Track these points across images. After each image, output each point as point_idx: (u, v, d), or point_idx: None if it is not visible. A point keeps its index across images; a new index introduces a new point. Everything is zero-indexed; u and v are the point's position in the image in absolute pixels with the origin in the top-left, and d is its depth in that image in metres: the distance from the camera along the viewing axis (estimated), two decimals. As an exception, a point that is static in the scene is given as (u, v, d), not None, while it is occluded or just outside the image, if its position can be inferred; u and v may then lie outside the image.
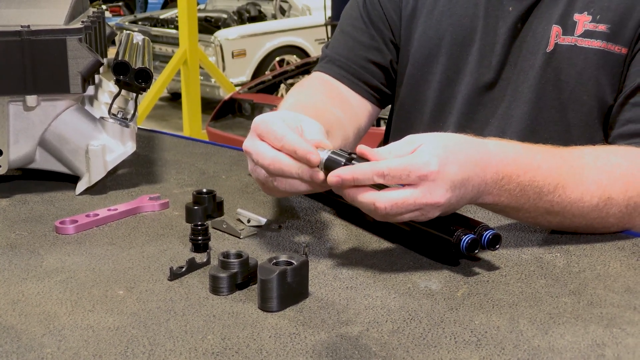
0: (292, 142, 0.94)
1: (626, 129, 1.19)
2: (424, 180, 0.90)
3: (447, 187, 0.92)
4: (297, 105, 1.23)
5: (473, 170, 0.95)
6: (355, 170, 0.92)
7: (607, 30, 1.21)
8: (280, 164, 0.95)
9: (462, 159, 0.94)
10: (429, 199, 0.91)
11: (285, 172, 0.96)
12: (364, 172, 0.91)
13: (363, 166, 0.92)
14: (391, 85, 1.44)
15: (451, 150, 0.93)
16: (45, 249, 1.05)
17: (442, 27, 1.35)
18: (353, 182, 0.92)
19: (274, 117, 0.99)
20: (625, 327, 0.83)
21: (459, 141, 0.96)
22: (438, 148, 0.92)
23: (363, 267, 0.98)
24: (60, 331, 0.82)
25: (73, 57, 1.19)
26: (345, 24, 1.45)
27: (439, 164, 0.90)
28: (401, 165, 0.90)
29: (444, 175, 0.91)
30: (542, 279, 0.95)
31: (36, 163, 1.29)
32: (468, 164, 0.94)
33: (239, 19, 8.44)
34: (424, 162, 0.90)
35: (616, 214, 1.06)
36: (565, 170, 1.03)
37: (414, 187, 0.91)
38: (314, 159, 0.93)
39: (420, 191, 0.91)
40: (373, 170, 0.91)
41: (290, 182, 0.97)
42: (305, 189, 0.97)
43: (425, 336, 0.81)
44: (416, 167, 0.90)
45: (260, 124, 0.98)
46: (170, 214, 1.18)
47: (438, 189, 0.91)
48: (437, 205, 0.92)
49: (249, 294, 0.91)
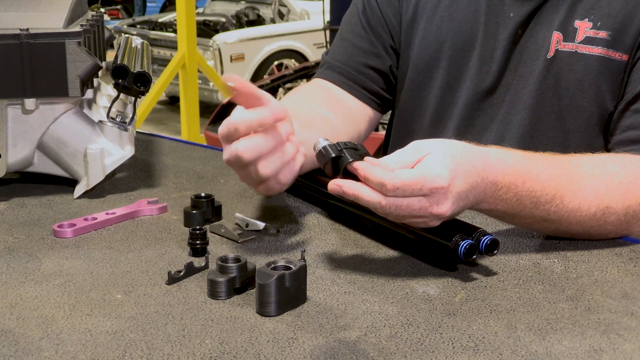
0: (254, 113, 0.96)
1: (626, 136, 1.19)
2: (434, 193, 0.91)
3: (453, 199, 0.92)
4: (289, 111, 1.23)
5: (475, 180, 0.95)
6: (368, 170, 0.91)
7: (607, 37, 1.21)
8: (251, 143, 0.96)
9: (468, 170, 0.94)
10: (435, 209, 0.92)
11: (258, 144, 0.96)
12: (376, 177, 0.90)
13: (377, 171, 0.91)
14: (391, 91, 1.44)
15: (458, 161, 0.93)
16: (43, 252, 1.05)
17: (443, 32, 1.35)
18: (363, 179, 0.92)
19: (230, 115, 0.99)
20: (622, 333, 0.83)
21: (464, 151, 0.96)
22: (447, 159, 0.92)
23: (361, 272, 0.98)
24: (58, 335, 0.82)
25: (72, 60, 1.19)
26: (345, 30, 1.45)
27: (450, 177, 0.91)
28: (414, 179, 0.90)
29: (452, 188, 0.91)
30: (540, 284, 0.95)
31: (34, 166, 1.29)
32: (472, 176, 0.94)
33: (237, 23, 8.44)
34: (435, 175, 0.90)
35: (614, 222, 1.06)
36: (564, 179, 1.03)
37: (422, 196, 0.91)
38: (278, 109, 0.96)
39: (427, 200, 0.91)
40: (385, 181, 0.90)
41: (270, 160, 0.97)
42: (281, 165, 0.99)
43: (423, 341, 0.81)
44: (429, 180, 0.90)
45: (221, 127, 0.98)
46: (169, 218, 1.18)
47: (445, 201, 0.92)
48: (441, 216, 0.93)
49: (247, 298, 0.91)
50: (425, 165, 0.91)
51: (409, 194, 0.90)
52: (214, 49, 7.37)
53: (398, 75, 1.42)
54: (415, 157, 0.93)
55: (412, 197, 0.91)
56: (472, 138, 1.27)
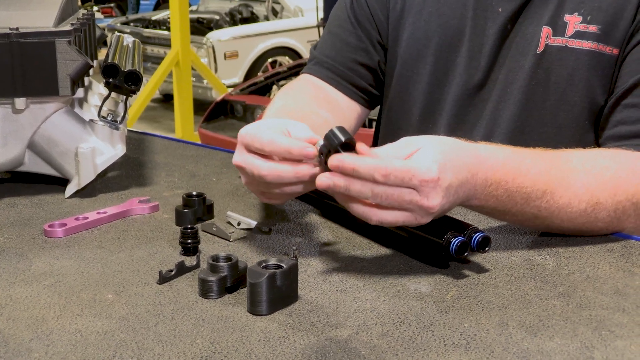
0: (284, 144, 0.93)
1: (617, 131, 1.19)
2: (424, 185, 0.90)
3: (443, 193, 0.91)
4: (283, 109, 1.23)
5: (465, 176, 0.95)
6: (357, 161, 0.89)
7: (598, 31, 1.21)
8: (277, 172, 0.94)
9: (458, 165, 0.93)
10: (425, 202, 0.90)
11: (284, 178, 0.95)
12: (366, 166, 0.89)
13: (367, 160, 0.89)
14: (379, 86, 1.44)
15: (449, 157, 0.93)
16: (34, 252, 1.05)
17: (431, 28, 1.34)
18: (352, 172, 0.89)
19: (259, 126, 0.98)
20: (614, 329, 0.83)
21: (454, 147, 0.96)
22: (437, 154, 0.91)
23: (353, 270, 0.98)
24: (48, 336, 0.82)
25: (62, 59, 1.19)
26: (333, 25, 1.45)
27: (439, 171, 0.90)
28: (405, 167, 0.89)
29: (442, 182, 0.91)
30: (532, 281, 0.95)
31: (25, 166, 1.29)
32: (462, 171, 0.94)
33: (231, 21, 8.43)
34: (426, 168, 0.90)
35: (604, 218, 1.06)
36: (554, 175, 1.03)
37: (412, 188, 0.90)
38: (310, 151, 0.92)
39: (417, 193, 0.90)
40: (376, 167, 0.88)
41: (291, 187, 0.96)
42: (302, 190, 0.97)
43: (414, 339, 0.81)
44: (419, 171, 0.89)
45: (246, 135, 0.97)
46: (160, 217, 1.18)
47: (436, 194, 0.91)
48: (431, 210, 0.91)
49: (238, 297, 0.91)
50: (415, 159, 0.91)
51: (400, 182, 0.89)
52: (207, 47, 7.37)
53: (386, 71, 1.42)
54: (405, 151, 0.93)
55: (403, 188, 0.90)
56: (463, 134, 1.26)
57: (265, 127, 0.98)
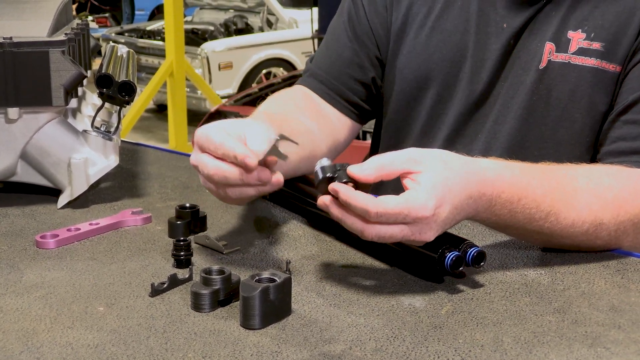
0: (230, 148, 0.94)
1: (616, 147, 1.18)
2: (418, 222, 0.90)
3: (438, 227, 0.92)
4: (264, 113, 1.24)
5: (467, 201, 0.94)
6: (350, 196, 0.89)
7: (602, 48, 1.21)
8: (223, 172, 0.95)
9: (459, 192, 0.93)
10: (417, 237, 0.91)
11: (229, 179, 0.95)
12: (359, 204, 0.89)
13: (360, 197, 0.89)
14: (372, 102, 1.43)
15: (448, 184, 0.92)
16: (25, 263, 1.04)
17: (432, 43, 1.34)
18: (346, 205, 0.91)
19: (215, 127, 0.99)
20: (609, 346, 0.83)
21: (459, 170, 0.95)
22: (437, 184, 0.91)
23: (347, 285, 0.97)
24: (38, 348, 0.81)
25: (56, 69, 1.18)
26: (330, 39, 1.44)
27: (435, 206, 0.90)
28: (398, 208, 0.89)
29: (437, 217, 0.91)
30: (527, 296, 0.94)
31: (17, 176, 1.28)
32: (462, 197, 0.93)
33: (225, 31, 8.43)
34: (420, 205, 0.89)
35: (604, 237, 1.06)
36: (559, 194, 1.03)
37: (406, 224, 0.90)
38: (250, 162, 0.92)
39: (410, 229, 0.90)
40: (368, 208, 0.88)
41: (239, 190, 0.97)
42: (255, 193, 0.98)
43: (408, 355, 0.80)
44: (413, 209, 0.89)
45: (201, 135, 0.99)
46: (153, 228, 1.17)
47: (429, 230, 0.91)
48: (425, 242, 0.93)
49: (231, 311, 0.90)
50: (411, 194, 0.90)
51: (392, 221, 0.89)
52: (202, 57, 7.36)
53: (384, 86, 1.41)
54: (406, 167, 0.92)
55: (395, 225, 0.90)
56: (462, 147, 1.26)
57: (221, 128, 0.98)
